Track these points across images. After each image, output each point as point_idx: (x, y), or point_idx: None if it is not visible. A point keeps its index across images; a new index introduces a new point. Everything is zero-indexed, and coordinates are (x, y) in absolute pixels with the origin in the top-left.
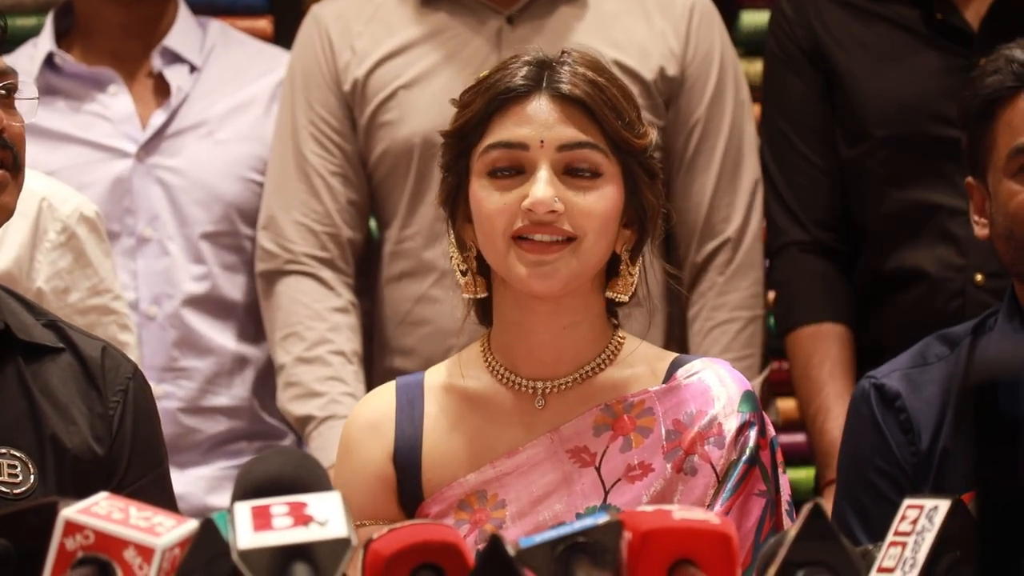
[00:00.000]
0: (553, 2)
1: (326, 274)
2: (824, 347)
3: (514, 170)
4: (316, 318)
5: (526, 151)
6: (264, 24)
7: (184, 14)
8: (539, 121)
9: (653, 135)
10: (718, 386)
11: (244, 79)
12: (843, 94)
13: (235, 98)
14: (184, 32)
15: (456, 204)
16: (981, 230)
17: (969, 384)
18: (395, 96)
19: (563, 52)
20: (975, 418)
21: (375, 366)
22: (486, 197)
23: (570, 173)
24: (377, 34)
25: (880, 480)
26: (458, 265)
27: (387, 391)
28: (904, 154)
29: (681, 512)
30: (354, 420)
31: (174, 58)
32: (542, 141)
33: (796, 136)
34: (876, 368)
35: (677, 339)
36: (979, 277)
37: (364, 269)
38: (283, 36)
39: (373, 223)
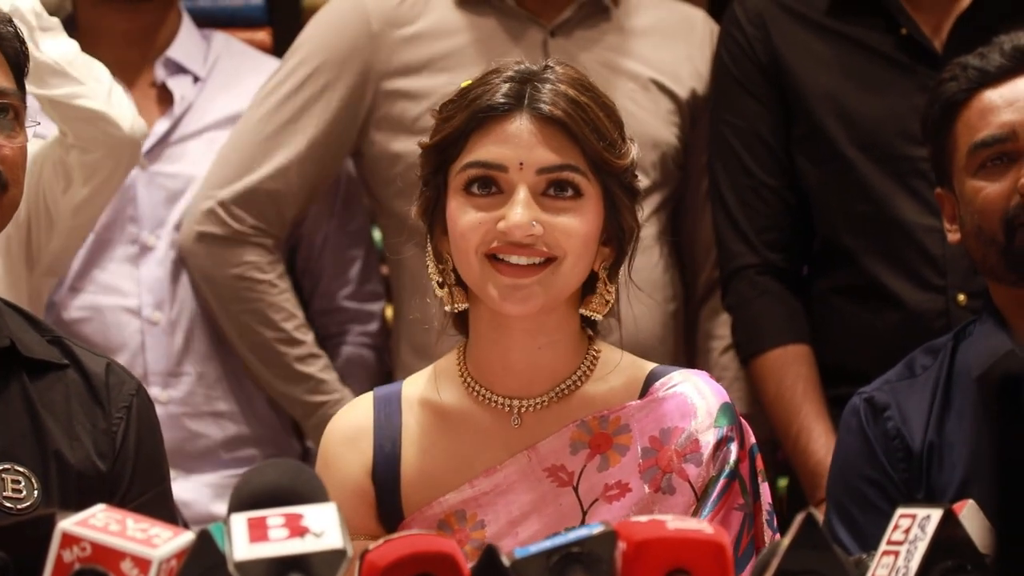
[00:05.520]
0: (594, 18)
1: (270, 244)
2: (795, 369)
3: (492, 189)
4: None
5: (505, 172)
6: (263, 36)
7: (187, 25)
8: (519, 142)
9: (634, 152)
10: (696, 397)
11: (247, 88)
12: (806, 113)
13: (237, 106)
14: (187, 43)
15: (434, 217)
16: (953, 235)
17: (989, 379)
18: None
19: (546, 67)
20: (998, 411)
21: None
22: (462, 215)
23: (549, 194)
24: (423, 37)
25: (868, 488)
26: (436, 278)
27: (365, 403)
28: (876, 173)
29: (675, 522)
30: (332, 433)
31: (177, 69)
32: (521, 163)
33: (749, 156)
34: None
35: (688, 339)
36: (961, 297)
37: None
38: (282, 48)
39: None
